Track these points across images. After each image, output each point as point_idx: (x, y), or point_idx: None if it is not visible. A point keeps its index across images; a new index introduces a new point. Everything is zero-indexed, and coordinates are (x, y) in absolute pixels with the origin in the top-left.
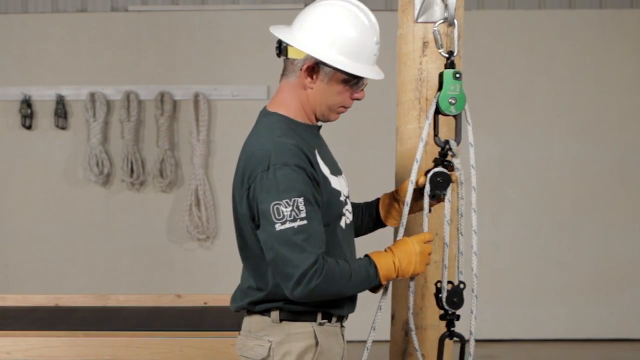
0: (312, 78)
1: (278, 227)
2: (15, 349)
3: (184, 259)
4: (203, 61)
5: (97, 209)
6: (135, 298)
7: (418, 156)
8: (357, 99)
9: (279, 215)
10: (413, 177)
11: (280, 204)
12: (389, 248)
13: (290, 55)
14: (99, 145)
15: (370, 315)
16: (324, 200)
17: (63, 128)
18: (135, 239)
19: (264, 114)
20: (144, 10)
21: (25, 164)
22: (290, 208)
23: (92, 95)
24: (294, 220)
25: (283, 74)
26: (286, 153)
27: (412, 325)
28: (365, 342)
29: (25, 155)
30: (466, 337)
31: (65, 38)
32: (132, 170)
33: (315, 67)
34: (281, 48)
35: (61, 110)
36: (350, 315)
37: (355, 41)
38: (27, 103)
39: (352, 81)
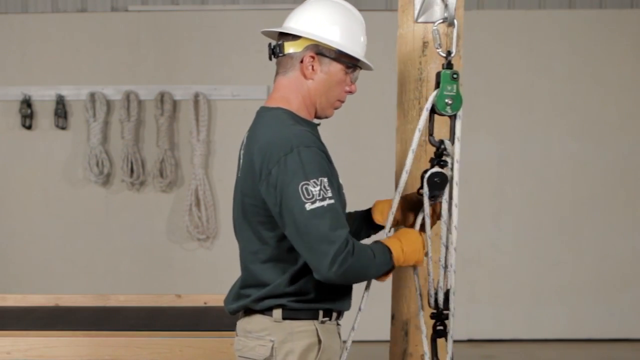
0: (312, 68)
1: (309, 206)
2: (15, 349)
3: (184, 259)
4: (203, 61)
5: (97, 209)
6: (135, 298)
7: (414, 145)
8: (350, 93)
9: (308, 195)
10: (408, 167)
11: (308, 184)
12: (395, 236)
13: (288, 50)
14: (99, 145)
15: (369, 315)
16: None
17: (63, 128)
18: (135, 239)
19: (265, 109)
20: (144, 10)
21: (25, 164)
22: (318, 187)
23: (92, 95)
24: (323, 199)
25: (278, 73)
26: (306, 137)
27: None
28: (362, 342)
29: (25, 155)
30: (448, 348)
31: (65, 38)
32: (132, 170)
33: (315, 57)
34: (274, 48)
35: (61, 110)
36: (349, 316)
37: (350, 30)
38: (27, 103)
39: (350, 68)
